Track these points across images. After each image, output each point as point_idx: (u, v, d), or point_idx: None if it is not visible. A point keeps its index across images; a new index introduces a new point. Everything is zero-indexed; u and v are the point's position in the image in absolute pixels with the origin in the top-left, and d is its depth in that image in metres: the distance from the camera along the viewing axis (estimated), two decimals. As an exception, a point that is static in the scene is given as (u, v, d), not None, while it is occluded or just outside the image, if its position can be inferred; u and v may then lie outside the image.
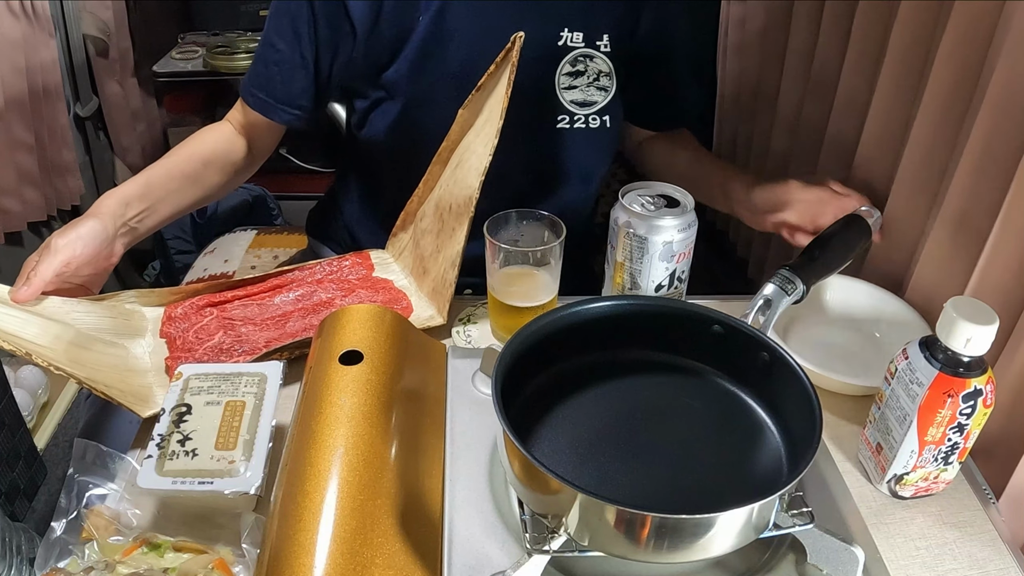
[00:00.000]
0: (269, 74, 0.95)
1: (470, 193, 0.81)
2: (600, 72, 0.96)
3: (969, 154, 0.74)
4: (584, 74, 0.96)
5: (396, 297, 0.90)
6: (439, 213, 0.87)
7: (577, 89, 0.96)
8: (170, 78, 1.93)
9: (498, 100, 0.80)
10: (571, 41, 0.94)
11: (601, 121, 0.98)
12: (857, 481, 0.70)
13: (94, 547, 0.61)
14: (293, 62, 0.93)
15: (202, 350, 0.81)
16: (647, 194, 0.78)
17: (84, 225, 0.79)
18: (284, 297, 0.90)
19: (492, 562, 0.59)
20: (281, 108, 0.96)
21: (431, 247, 0.89)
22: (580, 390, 0.69)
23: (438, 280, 0.87)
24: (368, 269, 0.95)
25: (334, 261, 0.95)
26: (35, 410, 0.77)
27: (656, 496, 0.60)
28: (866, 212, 0.84)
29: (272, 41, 0.94)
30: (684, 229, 0.76)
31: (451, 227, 0.85)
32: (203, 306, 0.87)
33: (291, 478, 0.61)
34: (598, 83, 0.97)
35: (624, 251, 0.77)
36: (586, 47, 0.95)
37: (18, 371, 0.77)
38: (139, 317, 0.85)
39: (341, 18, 0.91)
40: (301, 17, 0.91)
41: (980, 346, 0.59)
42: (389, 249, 0.98)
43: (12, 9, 1.41)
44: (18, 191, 1.50)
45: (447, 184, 0.88)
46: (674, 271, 0.78)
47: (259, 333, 0.84)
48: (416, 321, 0.85)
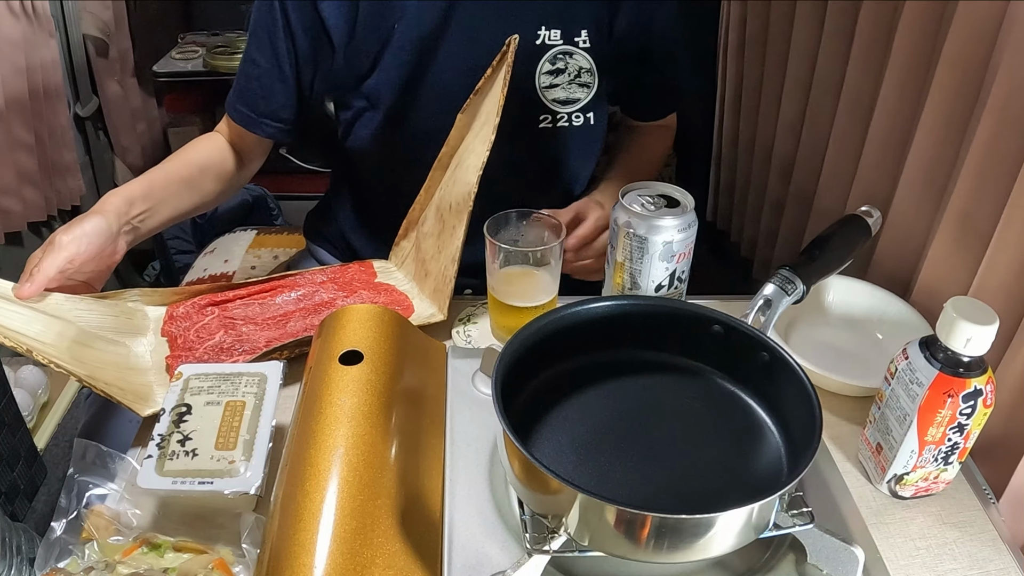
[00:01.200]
0: (251, 88, 0.96)
1: (468, 189, 0.81)
2: (581, 69, 0.96)
3: (973, 155, 0.74)
4: (564, 72, 0.95)
5: (398, 299, 0.90)
6: (440, 214, 0.87)
7: (558, 87, 0.95)
8: (170, 78, 1.93)
9: (494, 100, 0.80)
10: (549, 39, 0.94)
11: (585, 119, 0.98)
12: (857, 481, 0.70)
13: (94, 547, 0.61)
14: (273, 76, 0.94)
15: (202, 349, 0.81)
16: (647, 194, 0.78)
17: (88, 222, 0.80)
18: (285, 297, 0.90)
19: (492, 562, 0.59)
20: (263, 122, 0.97)
21: (432, 249, 0.89)
22: (580, 390, 0.69)
23: (439, 278, 0.87)
24: (371, 276, 0.95)
25: (337, 269, 0.95)
26: (35, 410, 0.77)
27: (656, 496, 0.60)
28: (866, 212, 0.84)
29: (252, 56, 0.95)
30: (684, 229, 0.76)
31: (451, 225, 0.85)
32: (205, 305, 0.87)
33: (291, 478, 0.61)
34: (579, 80, 0.96)
35: (624, 251, 0.77)
36: (565, 44, 0.94)
37: (18, 371, 0.78)
38: (141, 316, 0.86)
39: (317, 30, 0.92)
40: (278, 32, 0.92)
41: (980, 346, 0.59)
42: (392, 259, 0.97)
43: (12, 9, 1.41)
44: (18, 191, 1.50)
45: (447, 186, 0.88)
46: (674, 271, 0.78)
47: (260, 332, 0.84)
48: (417, 318, 0.85)
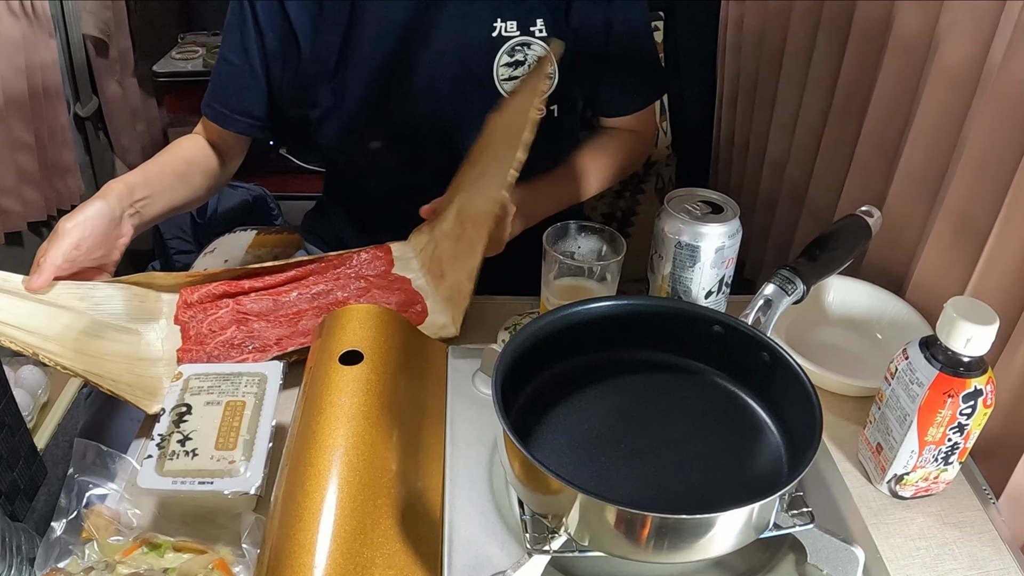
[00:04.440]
0: (224, 86, 0.99)
1: (491, 207, 0.79)
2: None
3: (970, 154, 0.74)
4: (524, 64, 0.94)
5: (412, 299, 0.89)
6: (460, 219, 0.87)
7: (517, 79, 0.95)
8: (170, 78, 1.93)
9: (526, 111, 0.77)
10: (505, 31, 0.93)
11: (548, 111, 0.97)
12: (857, 481, 0.70)
13: (94, 547, 0.61)
14: (244, 73, 0.96)
15: (213, 344, 0.81)
16: (691, 201, 0.77)
17: (91, 206, 0.80)
18: (300, 294, 0.89)
19: (492, 562, 0.59)
20: (235, 118, 0.99)
21: (449, 251, 0.88)
22: (580, 390, 0.69)
23: (454, 288, 0.85)
24: (388, 264, 0.94)
25: (354, 254, 0.95)
26: (35, 410, 0.77)
27: (656, 496, 0.60)
28: (866, 212, 0.83)
29: (225, 55, 0.97)
30: (733, 235, 0.76)
31: (470, 237, 0.83)
32: (219, 295, 0.86)
33: (291, 478, 0.61)
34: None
35: (673, 259, 0.77)
36: (521, 35, 0.94)
37: (18, 371, 0.78)
38: (154, 299, 0.85)
39: (285, 29, 0.94)
40: (248, 30, 0.94)
41: (980, 346, 0.59)
42: (411, 241, 0.97)
43: (12, 9, 1.41)
44: (18, 191, 1.50)
45: (471, 190, 0.86)
46: (723, 276, 0.78)
47: (271, 330, 0.84)
48: (430, 328, 0.84)
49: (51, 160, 1.59)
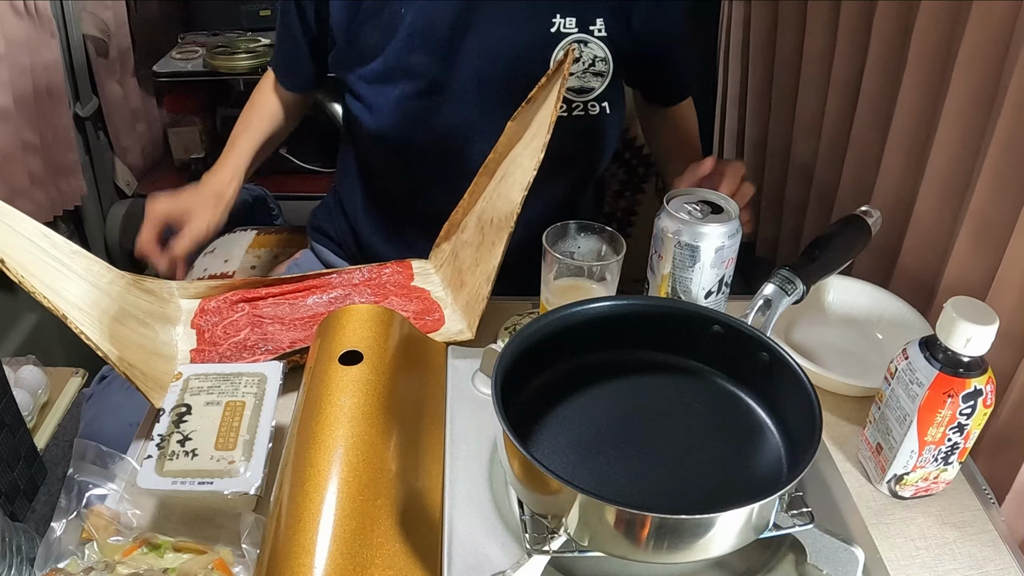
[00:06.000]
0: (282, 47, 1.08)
1: (512, 208, 0.78)
2: (596, 58, 0.95)
3: (991, 157, 0.74)
4: (579, 60, 0.95)
5: (430, 307, 0.88)
6: (480, 226, 0.86)
7: (573, 76, 0.94)
8: (170, 78, 1.92)
9: (547, 113, 0.77)
10: (564, 27, 0.93)
11: (600, 108, 0.97)
12: (857, 481, 0.70)
13: (94, 547, 0.61)
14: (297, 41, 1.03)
15: (226, 345, 0.81)
16: (691, 201, 0.77)
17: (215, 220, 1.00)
18: (317, 299, 0.89)
19: (492, 562, 0.59)
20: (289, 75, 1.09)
21: (470, 260, 0.87)
22: (580, 390, 0.69)
23: (472, 294, 0.85)
24: (408, 278, 0.94)
25: (374, 268, 0.94)
26: (35, 410, 0.77)
27: (656, 496, 0.60)
28: (865, 212, 0.83)
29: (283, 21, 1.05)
30: (732, 235, 0.76)
31: (491, 240, 0.83)
32: (236, 301, 0.87)
33: (291, 478, 0.61)
34: (594, 68, 0.95)
35: (673, 259, 0.77)
36: (580, 32, 0.94)
37: (18, 371, 0.78)
38: (175, 307, 0.86)
39: (324, 22, 0.98)
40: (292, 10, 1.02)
41: (980, 346, 0.59)
42: (432, 260, 0.96)
43: (16, 9, 1.40)
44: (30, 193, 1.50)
45: (491, 197, 0.86)
46: (722, 276, 0.78)
47: (285, 333, 0.84)
48: (446, 333, 0.84)
49: (55, 161, 1.58)
